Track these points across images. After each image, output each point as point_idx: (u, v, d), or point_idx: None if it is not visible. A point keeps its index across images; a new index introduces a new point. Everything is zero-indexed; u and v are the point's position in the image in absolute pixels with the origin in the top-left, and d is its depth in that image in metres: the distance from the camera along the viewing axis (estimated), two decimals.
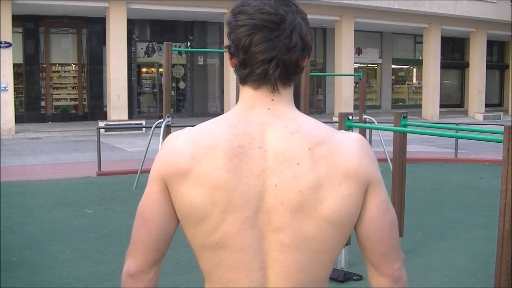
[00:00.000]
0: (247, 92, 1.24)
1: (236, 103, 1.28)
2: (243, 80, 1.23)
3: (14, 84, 17.98)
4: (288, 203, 1.15)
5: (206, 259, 1.21)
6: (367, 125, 8.74)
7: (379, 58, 27.16)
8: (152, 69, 22.69)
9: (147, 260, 1.24)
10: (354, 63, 22.89)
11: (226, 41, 1.25)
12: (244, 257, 1.17)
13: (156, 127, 8.57)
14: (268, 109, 1.21)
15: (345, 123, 4.52)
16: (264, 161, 1.16)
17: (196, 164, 1.16)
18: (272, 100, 1.22)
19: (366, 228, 1.21)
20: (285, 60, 1.18)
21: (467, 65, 27.98)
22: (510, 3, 24.75)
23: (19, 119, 18.48)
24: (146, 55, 22.31)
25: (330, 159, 1.17)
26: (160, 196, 1.21)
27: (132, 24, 20.58)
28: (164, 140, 1.32)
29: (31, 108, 20.06)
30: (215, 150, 1.16)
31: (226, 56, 1.27)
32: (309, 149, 1.16)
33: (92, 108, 21.13)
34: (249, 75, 1.20)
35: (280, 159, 1.16)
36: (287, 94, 1.25)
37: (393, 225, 1.24)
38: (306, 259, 1.18)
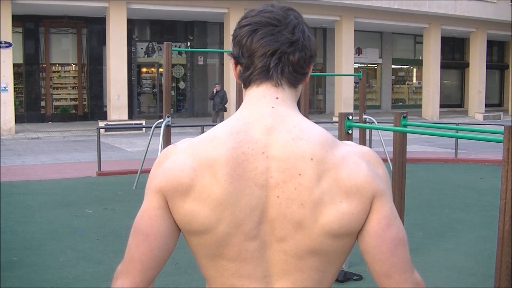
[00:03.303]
0: (250, 91, 1.21)
1: (236, 103, 1.27)
2: (246, 82, 1.21)
3: (14, 84, 17.98)
4: (290, 215, 1.12)
5: (208, 267, 1.20)
6: (367, 125, 8.73)
7: (379, 58, 27.17)
8: (152, 69, 22.70)
9: (144, 279, 1.17)
10: (354, 63, 22.91)
11: (231, 48, 1.24)
12: (247, 266, 1.16)
13: (156, 127, 8.58)
14: (273, 107, 1.17)
15: (345, 123, 4.51)
16: (267, 169, 1.12)
17: (198, 178, 1.12)
18: (277, 98, 1.18)
19: (365, 242, 1.15)
20: (288, 53, 1.16)
21: (467, 65, 27.99)
22: (510, 3, 24.75)
23: (19, 119, 18.50)
24: (146, 55, 22.31)
25: (332, 173, 1.12)
26: (162, 211, 1.16)
27: (132, 24, 20.59)
28: (162, 148, 1.25)
29: (31, 108, 20.06)
30: (218, 161, 1.12)
31: (231, 66, 1.25)
32: (312, 159, 1.12)
33: (92, 108, 21.13)
34: (252, 73, 1.18)
35: (282, 167, 1.12)
36: (292, 95, 1.21)
37: (396, 243, 1.14)
38: (310, 269, 1.17)
